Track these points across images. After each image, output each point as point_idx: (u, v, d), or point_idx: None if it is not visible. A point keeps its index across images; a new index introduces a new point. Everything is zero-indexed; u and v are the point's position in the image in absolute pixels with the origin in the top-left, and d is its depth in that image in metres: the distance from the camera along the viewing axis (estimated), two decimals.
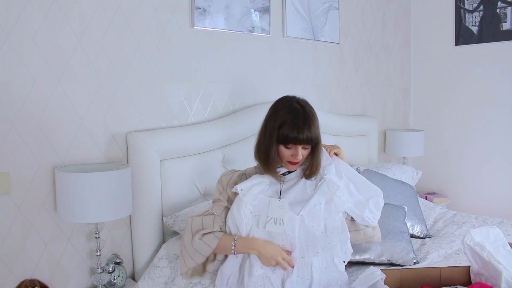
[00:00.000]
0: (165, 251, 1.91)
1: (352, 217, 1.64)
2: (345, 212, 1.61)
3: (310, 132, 1.53)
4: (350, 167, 1.68)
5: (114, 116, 1.99)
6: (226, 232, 1.60)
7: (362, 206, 1.61)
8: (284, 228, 1.51)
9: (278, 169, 1.62)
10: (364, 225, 1.65)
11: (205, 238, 1.56)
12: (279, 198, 1.56)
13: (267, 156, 1.57)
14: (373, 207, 1.62)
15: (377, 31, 3.36)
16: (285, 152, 1.55)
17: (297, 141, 1.52)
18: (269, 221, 1.51)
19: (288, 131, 1.51)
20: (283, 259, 1.49)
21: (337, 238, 1.53)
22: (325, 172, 1.59)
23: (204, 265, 1.64)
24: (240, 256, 1.58)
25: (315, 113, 1.59)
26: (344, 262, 1.56)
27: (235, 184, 1.62)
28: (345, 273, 1.57)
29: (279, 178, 1.61)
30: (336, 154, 1.68)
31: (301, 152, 1.54)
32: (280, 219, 1.51)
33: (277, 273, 1.52)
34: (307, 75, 2.85)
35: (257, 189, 1.56)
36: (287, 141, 1.53)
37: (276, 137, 1.54)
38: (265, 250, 1.50)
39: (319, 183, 1.58)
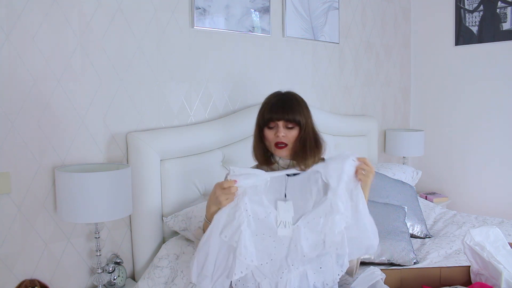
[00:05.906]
0: (165, 251, 1.91)
1: None
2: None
3: (290, 109, 1.52)
4: (365, 204, 1.46)
5: (114, 116, 1.99)
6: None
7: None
8: (293, 229, 1.48)
9: (283, 170, 1.60)
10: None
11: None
12: (285, 200, 1.53)
13: (258, 146, 1.58)
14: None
15: (377, 31, 3.35)
16: (269, 134, 1.54)
17: (275, 116, 1.52)
18: (279, 225, 1.48)
19: (267, 111, 1.54)
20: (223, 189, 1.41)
21: (335, 250, 1.48)
22: (329, 181, 1.44)
23: None
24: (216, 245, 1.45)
25: (302, 99, 1.59)
26: (338, 275, 1.50)
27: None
28: None
29: (278, 169, 1.59)
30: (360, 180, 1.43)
31: (284, 131, 1.52)
32: (288, 222, 1.49)
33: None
34: (307, 75, 2.85)
35: (256, 190, 1.52)
36: (267, 120, 1.53)
37: (260, 123, 1.56)
38: (210, 197, 1.45)
39: (323, 199, 1.47)
